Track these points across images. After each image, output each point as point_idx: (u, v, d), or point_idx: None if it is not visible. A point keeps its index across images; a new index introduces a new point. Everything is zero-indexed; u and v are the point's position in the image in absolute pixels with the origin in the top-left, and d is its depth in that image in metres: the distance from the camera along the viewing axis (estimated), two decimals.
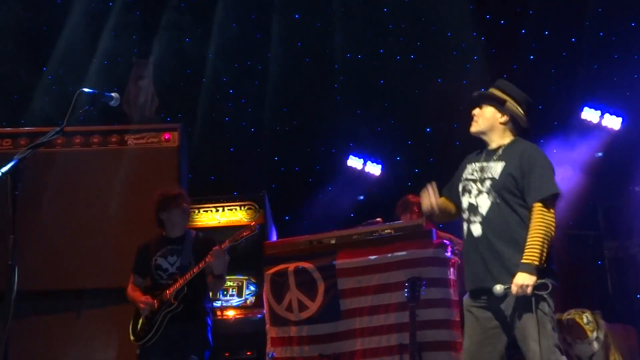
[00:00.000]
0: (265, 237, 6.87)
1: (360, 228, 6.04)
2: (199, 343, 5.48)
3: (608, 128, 8.83)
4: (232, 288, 6.88)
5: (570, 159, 8.55)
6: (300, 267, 5.83)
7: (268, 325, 5.93)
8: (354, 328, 5.61)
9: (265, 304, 5.98)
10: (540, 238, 4.11)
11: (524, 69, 9.65)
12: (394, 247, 5.64)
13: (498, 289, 4.12)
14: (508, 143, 4.48)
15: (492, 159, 4.44)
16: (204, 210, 7.03)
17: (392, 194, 8.65)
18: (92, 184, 7.03)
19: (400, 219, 6.40)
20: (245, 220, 6.98)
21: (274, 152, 10.33)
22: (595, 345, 6.15)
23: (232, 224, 6.96)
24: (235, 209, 7.04)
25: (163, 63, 9.02)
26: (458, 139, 9.74)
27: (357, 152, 9.86)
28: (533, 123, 4.62)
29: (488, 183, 4.35)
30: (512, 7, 9.98)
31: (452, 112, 9.58)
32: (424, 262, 5.50)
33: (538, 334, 4.09)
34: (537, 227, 4.15)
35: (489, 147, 4.53)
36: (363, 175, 9.80)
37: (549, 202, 4.20)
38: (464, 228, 4.45)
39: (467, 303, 4.44)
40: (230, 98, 10.50)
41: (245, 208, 7.04)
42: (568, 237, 8.27)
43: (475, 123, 4.55)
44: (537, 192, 4.22)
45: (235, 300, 6.81)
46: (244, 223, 6.96)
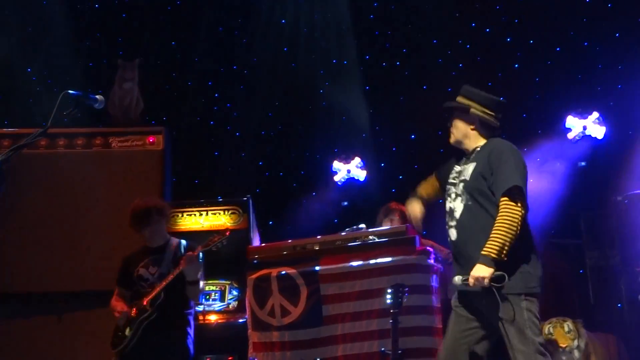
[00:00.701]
0: (249, 241, 6.87)
1: (344, 234, 6.04)
2: (178, 353, 5.51)
3: (591, 137, 8.88)
4: (214, 292, 6.87)
5: (553, 168, 8.60)
6: (283, 272, 5.82)
7: (250, 330, 5.92)
8: (336, 334, 5.60)
9: (248, 309, 5.97)
10: (503, 231, 4.13)
11: (509, 77, 9.70)
12: (377, 253, 5.64)
13: (456, 280, 4.22)
14: (481, 145, 4.55)
15: (467, 162, 4.52)
16: (188, 214, 7.01)
17: (376, 200, 8.66)
18: (75, 186, 7.01)
19: (382, 226, 6.42)
20: (229, 225, 6.97)
21: (259, 156, 10.32)
22: (576, 354, 6.18)
23: (215, 228, 6.93)
24: (219, 213, 7.03)
25: (149, 65, 9.00)
26: (442, 147, 9.76)
27: (341, 157, 9.87)
28: (507, 122, 4.68)
29: (461, 185, 4.44)
30: (497, 15, 10.02)
31: (436, 119, 9.60)
32: (407, 268, 5.50)
33: (518, 341, 4.14)
34: (500, 220, 4.18)
35: (468, 151, 4.58)
36: (347, 181, 9.80)
37: (515, 195, 4.21)
38: (447, 233, 4.52)
39: (454, 301, 4.52)
40: (216, 102, 10.48)
41: (229, 212, 7.03)
42: (550, 245, 8.30)
43: (452, 134, 4.66)
44: (502, 185, 4.24)
45: (218, 305, 6.79)
46: (228, 227, 6.95)
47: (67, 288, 6.75)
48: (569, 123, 8.95)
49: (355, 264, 5.65)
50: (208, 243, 5.55)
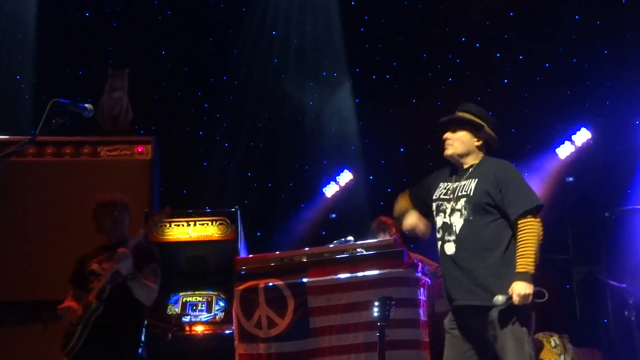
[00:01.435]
0: (236, 252, 6.84)
1: (332, 246, 6.03)
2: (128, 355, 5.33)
3: (579, 153, 8.91)
4: (201, 303, 6.84)
5: (542, 183, 8.63)
6: (271, 284, 5.81)
7: (237, 342, 5.89)
8: (323, 346, 5.58)
9: (235, 320, 5.94)
10: (532, 246, 4.19)
11: (498, 92, 9.74)
12: (365, 266, 5.64)
13: (500, 299, 4.12)
14: (478, 162, 4.55)
15: (463, 178, 4.50)
16: (175, 225, 6.98)
17: (364, 213, 8.67)
18: (63, 195, 6.98)
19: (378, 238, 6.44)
20: (217, 236, 6.94)
21: (247, 167, 10.32)
22: None
23: (203, 239, 6.92)
24: (207, 224, 7.00)
25: (138, 75, 8.99)
26: (431, 160, 9.77)
27: (330, 170, 9.87)
28: (503, 144, 4.69)
29: (462, 200, 4.40)
30: (487, 31, 10.08)
31: (426, 133, 9.63)
32: (395, 282, 5.50)
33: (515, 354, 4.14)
34: (526, 235, 4.21)
35: (461, 167, 4.57)
36: (336, 193, 9.81)
37: (536, 212, 4.27)
38: (439, 247, 4.48)
39: (447, 324, 4.47)
40: (205, 112, 10.48)
41: (217, 223, 7.00)
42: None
43: (451, 146, 4.59)
44: (521, 205, 4.27)
45: (204, 316, 6.76)
46: (216, 238, 6.93)
47: (55, 296, 6.69)
48: (557, 139, 8.98)
49: (343, 277, 5.64)
50: (150, 225, 5.56)
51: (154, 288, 5.43)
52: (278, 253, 6.20)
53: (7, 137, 7.33)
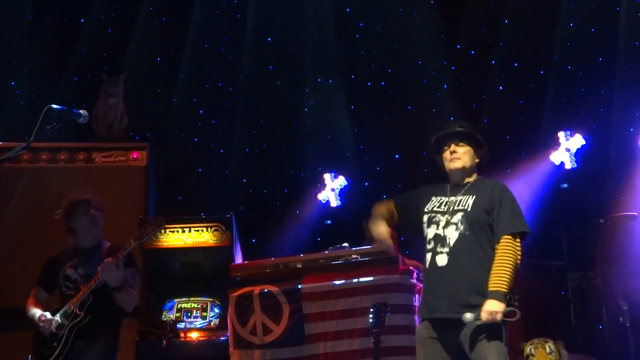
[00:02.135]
0: (231, 259, 6.84)
1: (327, 252, 6.04)
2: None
3: (574, 160, 8.93)
4: (196, 310, 6.83)
5: (536, 189, 8.64)
6: (266, 290, 5.81)
7: (232, 348, 5.89)
8: (318, 353, 5.59)
9: (230, 327, 5.95)
10: (509, 267, 4.20)
11: (493, 99, 9.76)
12: (360, 272, 5.65)
13: (468, 317, 4.14)
14: (474, 180, 4.58)
15: (459, 193, 4.51)
16: (170, 231, 6.98)
17: (359, 220, 8.66)
18: (58, 201, 6.96)
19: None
20: (212, 242, 6.94)
21: (243, 174, 10.30)
22: None
23: (198, 245, 6.92)
24: (202, 230, 7.00)
25: (133, 81, 8.99)
26: (426, 166, 9.80)
27: (325, 176, 9.87)
28: (498, 151, 4.72)
29: (460, 215, 4.40)
30: (482, 38, 10.09)
31: (421, 139, 9.65)
32: (390, 288, 5.51)
33: None
34: (505, 255, 4.23)
35: (455, 183, 4.57)
36: (331, 200, 9.80)
37: (519, 237, 4.30)
38: (428, 258, 4.47)
39: (422, 334, 4.43)
40: (200, 118, 10.47)
41: (212, 229, 6.99)
42: (532, 266, 8.32)
43: (460, 160, 4.58)
44: (509, 225, 4.31)
45: (199, 322, 6.75)
46: (211, 244, 6.92)
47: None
48: (552, 145, 8.99)
49: (338, 283, 5.65)
50: (142, 235, 5.25)
51: (136, 295, 5.37)
52: (273, 259, 6.22)
53: (1, 143, 7.32)
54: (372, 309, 5.06)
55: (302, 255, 6.12)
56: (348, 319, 5.57)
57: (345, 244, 6.19)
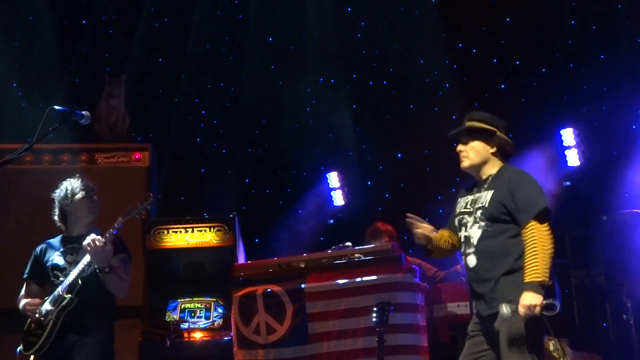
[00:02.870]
0: (235, 259, 6.85)
1: (330, 252, 6.04)
2: (94, 352, 4.95)
3: (576, 157, 8.92)
4: (199, 310, 6.84)
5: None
6: (269, 290, 5.81)
7: (235, 348, 5.90)
8: (322, 352, 5.59)
9: (233, 327, 5.95)
10: (538, 253, 4.11)
11: (495, 98, 9.76)
12: (363, 271, 5.65)
13: (505, 310, 4.07)
14: (496, 172, 4.52)
15: (482, 189, 4.48)
16: (173, 231, 6.98)
17: (362, 219, 8.67)
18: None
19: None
20: (215, 242, 6.95)
21: (245, 174, 10.31)
22: None
23: (201, 245, 6.92)
24: (205, 230, 7.00)
25: (135, 82, 8.99)
26: (429, 165, 9.81)
27: (328, 176, 9.86)
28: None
29: (479, 212, 4.39)
30: (483, 36, 10.09)
31: (423, 138, 9.65)
32: (393, 287, 5.51)
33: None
34: (531, 243, 4.16)
35: (480, 178, 4.55)
36: (333, 199, 9.80)
37: (541, 217, 4.21)
38: (463, 261, 4.47)
39: (469, 327, 4.48)
40: (202, 119, 10.48)
41: (215, 229, 7.00)
42: None
43: (467, 159, 4.55)
44: (527, 210, 4.23)
45: (203, 322, 6.76)
46: (214, 244, 6.93)
47: None
48: (554, 143, 8.99)
49: (341, 282, 5.65)
50: (130, 211, 5.06)
51: (127, 280, 5.15)
52: (276, 259, 6.22)
53: (4, 144, 7.34)
54: (375, 308, 5.06)
55: (305, 255, 6.13)
56: (351, 318, 5.56)
57: (348, 243, 6.19)
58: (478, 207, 4.41)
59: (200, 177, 10.24)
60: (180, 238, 6.96)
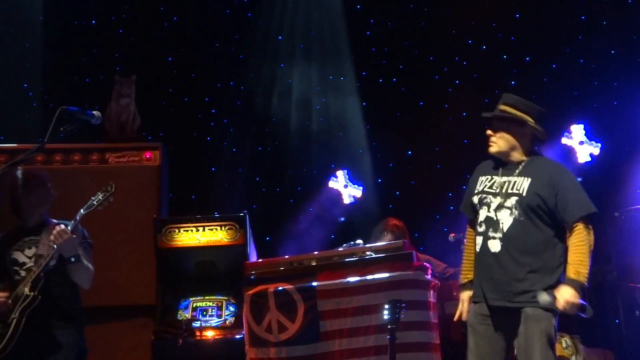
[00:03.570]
0: (246, 257, 6.85)
1: (341, 250, 6.03)
2: (70, 351, 4.85)
3: (588, 154, 8.89)
4: (211, 308, 6.84)
5: None
6: (280, 288, 5.81)
7: (247, 346, 5.89)
8: (334, 350, 5.58)
9: (245, 325, 5.95)
10: (586, 256, 4.11)
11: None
12: (374, 269, 5.63)
13: (544, 298, 4.03)
14: (529, 159, 4.46)
15: (513, 174, 4.42)
16: (184, 230, 6.99)
17: (373, 216, 8.67)
18: (71, 202, 6.98)
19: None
20: (226, 241, 6.95)
21: (256, 172, 10.32)
22: None
23: (212, 244, 6.92)
24: (216, 229, 7.00)
25: (145, 82, 9.01)
26: (439, 162, 9.79)
27: (338, 173, 9.86)
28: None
29: (514, 199, 4.31)
30: (493, 33, 10.07)
31: (433, 135, 9.64)
32: (404, 284, 5.49)
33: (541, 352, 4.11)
34: (581, 244, 4.14)
35: (510, 161, 4.48)
36: (344, 197, 9.80)
37: (588, 221, 4.20)
38: (479, 241, 4.39)
39: (472, 320, 4.40)
40: (212, 118, 10.49)
41: (226, 228, 7.00)
42: None
43: (495, 144, 4.50)
44: (579, 208, 4.21)
45: (215, 321, 6.76)
46: (225, 243, 6.93)
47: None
48: (565, 140, 8.96)
49: (353, 280, 5.64)
50: (92, 204, 4.93)
51: (92, 269, 5.06)
52: (287, 257, 6.22)
53: (15, 145, 7.36)
54: (387, 306, 5.05)
55: (316, 253, 6.12)
56: (363, 316, 5.55)
57: (359, 241, 6.19)
58: (511, 192, 4.34)
59: (211, 175, 10.25)
60: (192, 237, 6.96)
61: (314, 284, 5.72)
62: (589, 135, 8.83)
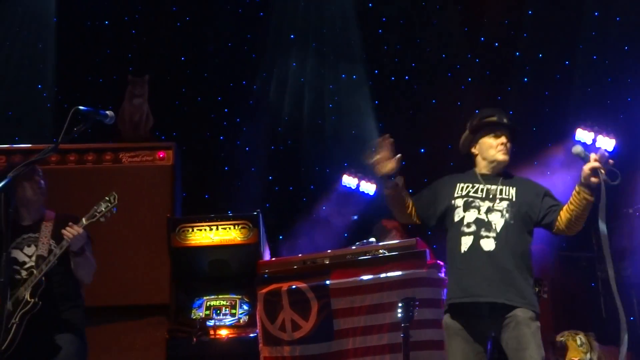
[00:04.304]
0: (259, 256, 6.86)
1: (354, 248, 6.04)
2: (68, 351, 4.78)
3: (601, 150, 8.85)
4: (225, 307, 6.86)
5: (564, 181, 8.57)
6: (294, 286, 5.82)
7: (261, 345, 5.91)
8: (347, 348, 5.59)
9: (259, 324, 5.96)
10: None
11: (518, 91, 9.70)
12: (388, 267, 5.64)
13: (580, 149, 4.33)
14: (505, 172, 4.66)
15: (497, 183, 4.55)
16: (198, 229, 7.00)
17: (386, 214, 8.65)
18: (85, 202, 7.01)
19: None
20: (239, 239, 6.96)
21: (269, 171, 10.33)
22: None
23: (226, 243, 6.94)
24: (229, 228, 7.02)
25: (158, 81, 9.04)
26: (452, 160, 9.75)
27: (351, 171, 9.86)
28: (525, 145, 4.82)
29: (505, 203, 4.45)
30: (506, 30, 10.04)
31: (446, 133, 9.61)
32: (418, 282, 5.49)
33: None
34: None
35: (489, 172, 4.61)
36: (357, 195, 9.80)
37: None
38: (467, 241, 4.43)
39: (453, 325, 4.43)
40: (225, 117, 10.51)
41: (239, 227, 7.01)
42: (561, 258, 8.27)
43: (507, 154, 4.63)
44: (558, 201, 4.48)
45: (228, 320, 6.78)
46: (238, 242, 6.94)
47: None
48: (579, 136, 8.92)
49: (366, 278, 5.65)
50: (94, 214, 4.83)
51: (94, 262, 5.01)
52: (300, 256, 6.22)
53: (30, 145, 7.40)
54: (400, 304, 5.05)
55: (329, 251, 6.13)
56: (376, 314, 5.56)
57: (372, 239, 6.19)
58: (502, 197, 4.47)
59: (224, 175, 10.28)
60: (205, 236, 6.98)
61: (328, 283, 5.73)
62: (603, 132, 8.78)
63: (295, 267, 6.00)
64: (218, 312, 6.84)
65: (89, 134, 5.11)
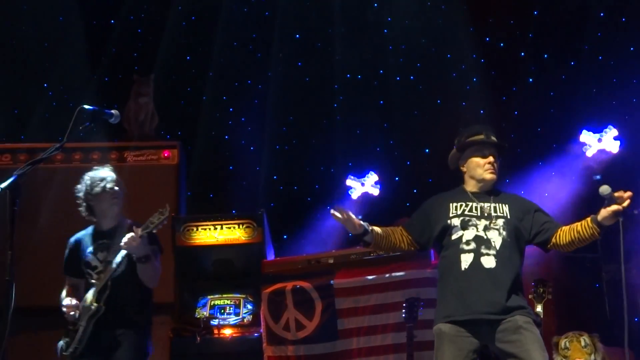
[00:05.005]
0: (264, 255, 6.87)
1: (358, 248, 6.04)
2: (134, 352, 5.02)
3: (606, 151, 8.84)
4: (229, 306, 6.87)
5: (569, 182, 8.56)
6: (298, 286, 5.83)
7: (265, 344, 5.93)
8: (352, 348, 5.61)
9: (263, 323, 5.98)
10: None
11: (523, 92, 9.69)
12: (392, 267, 5.65)
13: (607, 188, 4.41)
14: (494, 189, 4.66)
15: (489, 201, 4.54)
16: (202, 229, 7.02)
17: (390, 214, 8.65)
18: None
19: None
20: (244, 239, 6.97)
21: (273, 171, 10.33)
22: None
23: (230, 242, 6.95)
24: (234, 227, 7.03)
25: (163, 80, 9.04)
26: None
27: (356, 171, 9.85)
28: (530, 145, 4.80)
29: (501, 221, 4.45)
30: (511, 30, 10.02)
31: (451, 133, 9.59)
32: (422, 282, 5.50)
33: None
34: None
35: (479, 190, 4.60)
36: (362, 195, 9.79)
37: None
38: (468, 258, 4.41)
39: (449, 331, 4.39)
40: (230, 116, 10.51)
41: (244, 226, 7.03)
42: (566, 259, 8.25)
43: (494, 173, 4.63)
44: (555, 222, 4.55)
45: (233, 319, 6.79)
46: (243, 241, 6.95)
47: None
48: (584, 137, 8.91)
49: (370, 278, 5.66)
50: (148, 225, 5.00)
51: (159, 270, 5.21)
52: (305, 255, 6.24)
53: (35, 144, 7.42)
54: (404, 304, 5.06)
55: (333, 251, 6.16)
56: (381, 314, 5.57)
57: None
58: (498, 215, 4.47)
59: (229, 174, 10.27)
60: (209, 235, 6.99)
61: (332, 282, 5.74)
62: (608, 133, 8.76)
63: (300, 266, 6.03)
64: (222, 311, 6.85)
65: (94, 133, 5.12)
